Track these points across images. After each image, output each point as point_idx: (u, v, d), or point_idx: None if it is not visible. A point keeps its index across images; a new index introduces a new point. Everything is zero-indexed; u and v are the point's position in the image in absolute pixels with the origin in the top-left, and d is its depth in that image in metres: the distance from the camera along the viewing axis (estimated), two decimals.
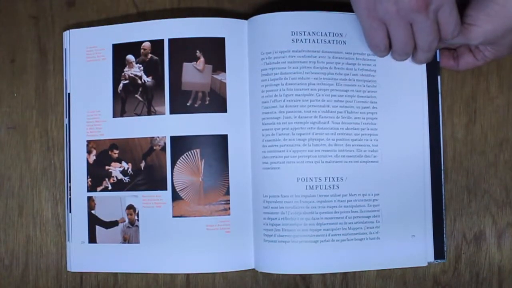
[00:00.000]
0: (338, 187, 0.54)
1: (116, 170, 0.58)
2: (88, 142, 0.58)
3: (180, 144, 0.56)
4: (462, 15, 0.50)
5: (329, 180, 0.54)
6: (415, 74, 0.56)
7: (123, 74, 0.58)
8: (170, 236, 0.56)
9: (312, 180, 0.54)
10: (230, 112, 0.56)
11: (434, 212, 0.56)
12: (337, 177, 0.54)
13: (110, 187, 0.58)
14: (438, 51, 0.56)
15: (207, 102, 0.56)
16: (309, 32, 0.54)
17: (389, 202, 0.55)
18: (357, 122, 0.55)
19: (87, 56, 0.58)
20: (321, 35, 0.55)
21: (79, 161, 0.58)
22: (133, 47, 0.57)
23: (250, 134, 0.56)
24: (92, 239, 0.57)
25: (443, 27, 0.48)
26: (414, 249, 0.55)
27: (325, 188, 0.54)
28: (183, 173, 0.56)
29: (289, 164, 0.54)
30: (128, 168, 0.57)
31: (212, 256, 0.56)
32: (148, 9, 0.60)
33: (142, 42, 0.57)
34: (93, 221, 0.58)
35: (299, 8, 0.55)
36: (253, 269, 0.56)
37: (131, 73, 0.58)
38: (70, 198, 0.57)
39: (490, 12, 0.48)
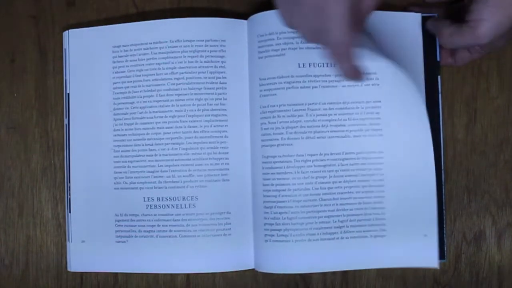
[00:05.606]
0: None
1: None
2: None
3: None
4: (465, 13, 0.48)
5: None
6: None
7: None
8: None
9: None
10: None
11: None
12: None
13: None
14: (438, 51, 0.56)
15: None
16: None
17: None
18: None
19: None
20: None
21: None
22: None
23: (249, 135, 0.56)
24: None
25: None
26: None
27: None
28: None
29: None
30: None
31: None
32: (148, 9, 0.59)
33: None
34: None
35: None
36: (253, 269, 0.56)
37: None
38: (70, 198, 0.57)
39: (493, 3, 0.45)
